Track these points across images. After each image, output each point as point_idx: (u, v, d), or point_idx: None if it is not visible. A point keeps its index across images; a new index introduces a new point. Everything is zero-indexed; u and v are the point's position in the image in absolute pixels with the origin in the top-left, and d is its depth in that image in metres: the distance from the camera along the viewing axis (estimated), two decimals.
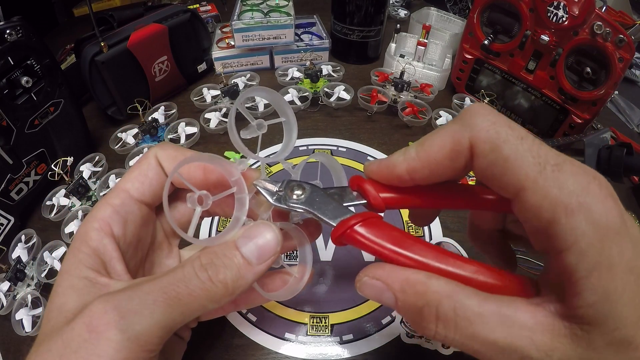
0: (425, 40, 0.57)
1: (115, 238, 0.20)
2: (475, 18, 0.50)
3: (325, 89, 0.54)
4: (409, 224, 0.40)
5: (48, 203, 0.40)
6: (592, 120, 0.46)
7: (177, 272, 0.18)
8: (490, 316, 0.15)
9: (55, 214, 0.39)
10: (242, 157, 0.21)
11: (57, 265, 0.35)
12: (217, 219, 0.41)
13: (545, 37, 0.44)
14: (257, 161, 0.23)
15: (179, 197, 0.24)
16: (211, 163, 0.20)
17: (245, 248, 0.19)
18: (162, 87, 0.54)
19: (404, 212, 0.41)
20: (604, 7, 0.42)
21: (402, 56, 0.60)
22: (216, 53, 0.59)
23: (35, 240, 0.37)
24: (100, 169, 0.44)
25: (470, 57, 0.53)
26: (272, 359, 0.31)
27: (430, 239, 0.39)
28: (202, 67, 0.59)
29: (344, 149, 0.48)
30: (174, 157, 0.22)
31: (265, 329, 0.32)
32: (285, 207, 0.21)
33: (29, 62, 0.38)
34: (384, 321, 0.33)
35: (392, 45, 0.60)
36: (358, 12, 0.58)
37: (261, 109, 0.51)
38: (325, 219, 0.20)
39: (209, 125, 0.49)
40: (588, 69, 0.43)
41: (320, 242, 0.38)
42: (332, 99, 0.52)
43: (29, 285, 0.34)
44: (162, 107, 0.52)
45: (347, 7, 0.58)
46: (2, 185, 0.37)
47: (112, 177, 0.42)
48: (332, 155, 0.47)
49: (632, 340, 0.14)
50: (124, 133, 0.48)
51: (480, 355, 0.16)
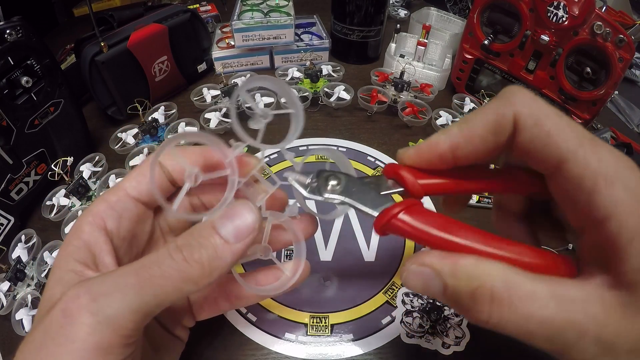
0: (425, 40, 0.57)
1: (108, 232, 0.20)
2: (475, 18, 0.50)
3: (325, 89, 0.54)
4: None
5: (48, 203, 0.40)
6: (592, 120, 0.46)
7: (151, 255, 0.18)
8: (543, 294, 0.15)
9: (55, 214, 0.39)
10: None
11: None
12: None
13: (545, 37, 0.44)
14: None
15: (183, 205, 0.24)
16: (207, 142, 0.20)
17: (223, 228, 0.18)
18: (162, 87, 0.54)
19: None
20: (604, 7, 0.42)
21: (402, 56, 0.60)
22: (216, 53, 0.59)
23: (35, 240, 0.37)
24: (100, 169, 0.44)
25: (470, 57, 0.53)
26: (272, 358, 0.31)
27: None
28: (202, 67, 0.59)
29: (344, 149, 0.48)
30: (175, 155, 0.22)
31: (265, 328, 0.32)
32: (322, 198, 0.20)
33: (29, 62, 0.38)
34: (384, 321, 0.33)
35: (392, 45, 0.60)
36: (358, 12, 0.58)
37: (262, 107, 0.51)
38: (366, 209, 0.20)
39: (209, 125, 0.49)
40: (588, 69, 0.43)
41: (320, 242, 0.38)
42: (332, 99, 0.52)
43: (29, 285, 0.34)
44: (162, 107, 0.52)
45: (347, 7, 0.58)
46: (2, 185, 0.37)
47: (112, 177, 0.42)
48: None
49: None
50: (124, 133, 0.48)
51: (537, 336, 0.16)
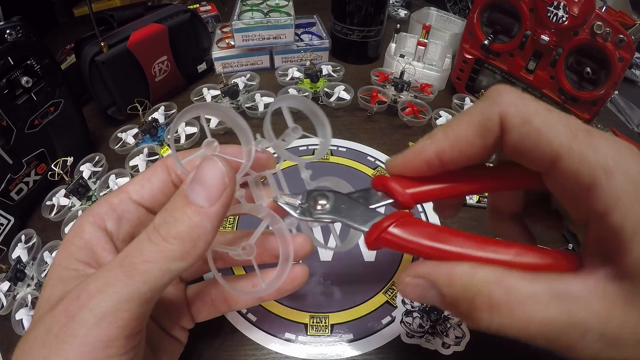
0: (425, 40, 0.57)
1: (108, 233, 0.21)
2: (475, 18, 0.50)
3: (325, 89, 0.54)
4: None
5: (48, 203, 0.40)
6: (592, 120, 0.46)
7: (132, 242, 0.18)
8: (543, 295, 0.15)
9: (55, 214, 0.39)
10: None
11: None
12: None
13: (545, 37, 0.44)
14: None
15: None
16: (229, 117, 0.20)
17: (194, 193, 0.18)
18: (162, 87, 0.54)
19: None
20: (604, 7, 0.42)
21: (402, 56, 0.60)
22: (216, 53, 0.59)
23: (35, 240, 0.37)
24: (100, 169, 0.44)
25: (470, 57, 0.53)
26: (272, 358, 0.31)
27: None
28: (202, 67, 0.59)
29: (344, 149, 0.48)
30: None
31: (265, 328, 0.32)
32: (312, 219, 0.20)
33: (29, 62, 0.38)
34: (384, 321, 0.33)
35: (392, 45, 0.60)
36: (358, 12, 0.58)
37: (261, 109, 0.51)
38: (356, 226, 0.20)
39: (209, 125, 0.49)
40: (588, 69, 0.43)
41: (320, 242, 0.38)
42: (332, 99, 0.52)
43: (29, 285, 0.34)
44: (162, 107, 0.52)
45: (347, 7, 0.58)
46: (2, 185, 0.37)
47: (112, 177, 0.42)
48: (331, 155, 0.47)
49: None
50: (124, 133, 0.48)
51: (539, 338, 0.15)
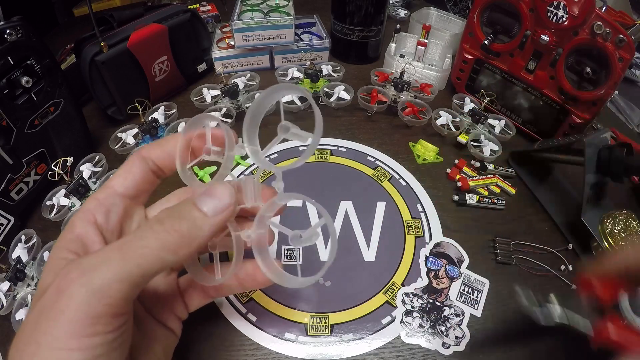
0: (425, 40, 0.57)
1: (98, 226, 0.22)
2: (475, 18, 0.50)
3: (325, 89, 0.54)
4: (409, 224, 0.40)
5: (48, 203, 0.40)
6: (592, 120, 0.46)
7: (135, 231, 0.20)
8: None
9: (55, 214, 0.39)
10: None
11: None
12: None
13: (545, 37, 0.44)
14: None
15: None
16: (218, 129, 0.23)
17: (202, 202, 0.20)
18: (162, 87, 0.54)
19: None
20: (604, 7, 0.42)
21: (402, 56, 0.60)
22: (216, 53, 0.59)
23: (35, 240, 0.37)
24: (100, 169, 0.44)
25: (470, 57, 0.53)
26: (272, 358, 0.31)
27: (430, 239, 0.39)
28: (202, 67, 0.59)
29: (344, 149, 0.48)
30: (158, 145, 0.24)
31: (265, 328, 0.32)
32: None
33: (29, 62, 0.38)
34: (384, 321, 0.33)
35: (392, 45, 0.60)
36: (358, 12, 0.58)
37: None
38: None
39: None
40: (588, 69, 0.43)
41: (320, 242, 0.38)
42: (332, 99, 0.52)
43: (29, 285, 0.34)
44: (162, 107, 0.52)
45: (347, 7, 0.58)
46: (2, 185, 0.37)
47: None
48: (331, 155, 0.47)
49: None
50: (124, 133, 0.48)
51: None
